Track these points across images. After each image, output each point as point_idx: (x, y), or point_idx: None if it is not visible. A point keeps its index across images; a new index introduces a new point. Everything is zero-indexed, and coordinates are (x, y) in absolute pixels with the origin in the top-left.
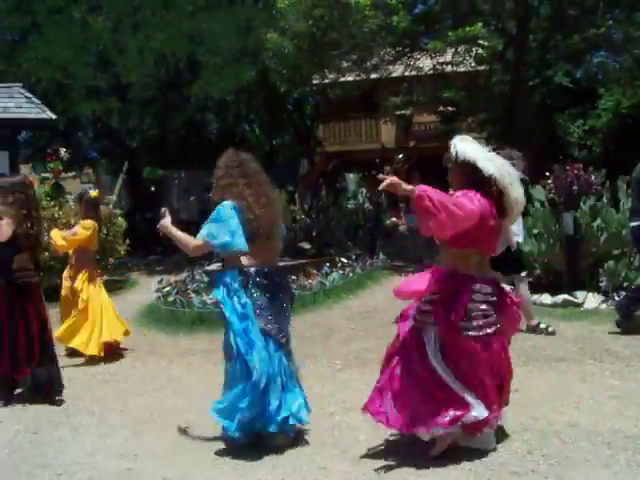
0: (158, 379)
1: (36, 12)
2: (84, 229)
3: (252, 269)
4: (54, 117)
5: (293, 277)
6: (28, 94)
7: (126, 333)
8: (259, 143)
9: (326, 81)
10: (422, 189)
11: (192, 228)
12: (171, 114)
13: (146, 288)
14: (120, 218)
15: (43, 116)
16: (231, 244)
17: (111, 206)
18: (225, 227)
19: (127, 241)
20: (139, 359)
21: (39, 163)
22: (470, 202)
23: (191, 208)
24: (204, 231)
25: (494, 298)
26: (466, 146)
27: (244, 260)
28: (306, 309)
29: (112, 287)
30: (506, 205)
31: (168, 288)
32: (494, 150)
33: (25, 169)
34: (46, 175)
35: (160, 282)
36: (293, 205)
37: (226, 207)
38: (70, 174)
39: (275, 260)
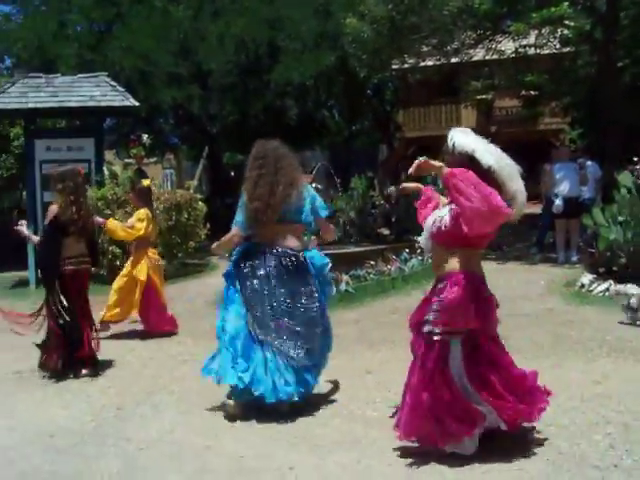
0: None
1: (120, 3)
2: (140, 221)
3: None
4: (137, 104)
5: (372, 262)
6: (113, 82)
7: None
8: (338, 129)
9: (406, 66)
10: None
11: None
12: (251, 100)
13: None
14: (200, 203)
15: (127, 103)
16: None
17: (192, 191)
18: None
19: (207, 225)
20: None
21: (122, 149)
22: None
23: None
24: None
25: None
26: (464, 137)
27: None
28: (385, 294)
29: (192, 270)
30: (504, 198)
31: None
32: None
33: (109, 155)
34: (129, 161)
35: None
36: (372, 191)
37: (241, 198)
38: (152, 160)
39: (278, 241)
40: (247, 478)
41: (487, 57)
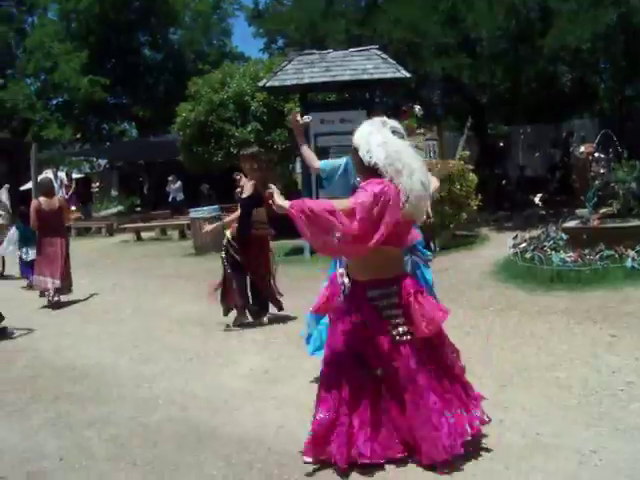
0: (519, 335)
1: None
2: None
3: None
4: (409, 76)
5: None
6: (384, 55)
7: None
8: (611, 94)
9: None
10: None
11: (539, 185)
12: (522, 67)
13: (497, 244)
14: (472, 174)
15: (398, 75)
16: None
17: (462, 162)
18: None
19: (479, 196)
20: (498, 314)
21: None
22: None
23: (536, 165)
24: None
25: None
26: (360, 130)
27: None
28: None
29: (463, 242)
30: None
31: (524, 244)
32: None
33: None
34: None
35: (515, 238)
36: None
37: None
38: (419, 131)
39: None
40: (546, 457)
41: None
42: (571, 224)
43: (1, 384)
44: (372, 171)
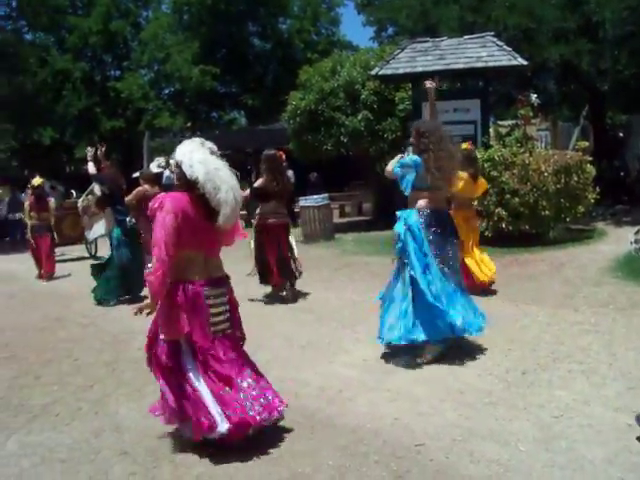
0: None
1: None
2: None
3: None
4: (525, 63)
5: None
6: (499, 42)
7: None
8: None
9: None
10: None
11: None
12: None
13: (615, 239)
14: (589, 165)
15: (514, 63)
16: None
17: (580, 153)
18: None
19: (597, 189)
20: (620, 312)
21: (502, 110)
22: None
23: None
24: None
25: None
26: (183, 148)
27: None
28: None
29: (580, 236)
30: (214, 208)
31: None
32: None
33: None
34: (502, 123)
35: (637, 233)
36: None
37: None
38: (534, 120)
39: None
40: None
41: None
42: None
43: (119, 364)
44: (191, 184)
